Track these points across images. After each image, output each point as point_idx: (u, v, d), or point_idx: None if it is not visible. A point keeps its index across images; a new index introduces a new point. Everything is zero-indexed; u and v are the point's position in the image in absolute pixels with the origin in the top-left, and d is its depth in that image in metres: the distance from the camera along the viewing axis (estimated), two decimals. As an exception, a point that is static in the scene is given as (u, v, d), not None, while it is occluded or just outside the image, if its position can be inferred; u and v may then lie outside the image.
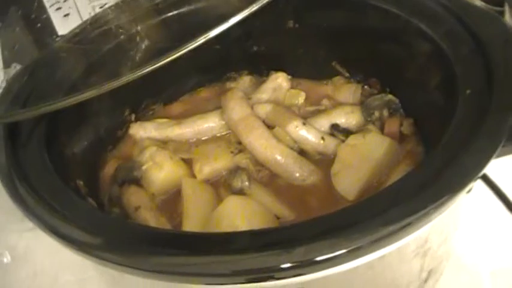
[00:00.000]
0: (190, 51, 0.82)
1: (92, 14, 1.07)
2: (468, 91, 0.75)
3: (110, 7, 1.07)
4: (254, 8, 0.86)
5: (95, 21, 1.06)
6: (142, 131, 1.10)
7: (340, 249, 0.58)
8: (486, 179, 0.87)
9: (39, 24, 1.29)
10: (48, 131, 0.87)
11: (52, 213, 0.70)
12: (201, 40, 0.82)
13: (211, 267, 0.61)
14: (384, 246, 0.61)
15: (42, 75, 0.97)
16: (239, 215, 0.84)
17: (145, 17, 1.08)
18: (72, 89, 0.94)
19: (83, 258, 0.66)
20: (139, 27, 1.06)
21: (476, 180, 0.64)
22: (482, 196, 0.86)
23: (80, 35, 1.05)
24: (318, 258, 0.58)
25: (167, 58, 0.82)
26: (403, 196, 0.63)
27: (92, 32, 1.05)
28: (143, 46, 1.06)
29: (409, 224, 0.60)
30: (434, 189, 0.62)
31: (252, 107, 1.06)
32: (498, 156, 0.66)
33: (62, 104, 0.82)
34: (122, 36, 1.05)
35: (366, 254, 0.61)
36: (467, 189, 0.63)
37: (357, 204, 0.67)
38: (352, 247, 0.58)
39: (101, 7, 1.08)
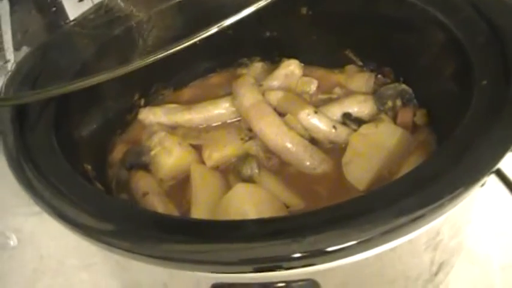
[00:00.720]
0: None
1: None
2: (484, 82, 0.74)
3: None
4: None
5: (106, 5, 1.05)
6: (152, 115, 1.09)
7: (351, 240, 0.57)
8: (499, 174, 0.86)
9: (53, 9, 1.28)
10: (56, 114, 0.86)
11: (59, 198, 0.69)
12: (214, 29, 0.80)
13: (218, 255, 0.60)
14: (395, 238, 0.60)
15: (52, 57, 0.96)
16: (248, 202, 0.84)
17: (158, 1, 1.06)
18: (81, 72, 0.93)
19: (90, 243, 0.65)
20: (151, 12, 1.05)
21: (491, 173, 0.62)
22: (495, 190, 0.85)
23: (90, 19, 1.04)
24: (328, 249, 0.57)
25: (178, 46, 0.80)
26: (416, 187, 0.61)
27: (103, 16, 1.04)
28: (155, 31, 1.05)
29: (421, 216, 0.59)
30: (449, 181, 0.61)
31: (263, 94, 1.05)
32: None
33: (71, 87, 0.81)
34: (133, 21, 1.04)
35: (377, 245, 0.60)
36: (482, 181, 0.62)
37: (369, 193, 0.66)
38: (363, 238, 0.57)
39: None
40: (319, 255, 0.58)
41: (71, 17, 1.21)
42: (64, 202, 0.68)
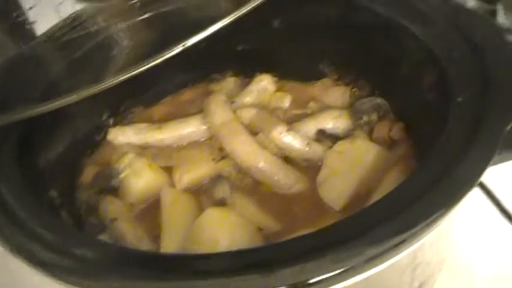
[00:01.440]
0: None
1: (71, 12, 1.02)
2: (459, 98, 0.72)
3: (89, 6, 1.03)
4: (238, 14, 0.83)
5: (74, 21, 1.02)
6: (121, 136, 1.05)
7: (322, 274, 0.54)
8: (480, 185, 0.84)
9: (16, 22, 1.24)
10: (20, 139, 0.83)
11: (19, 233, 0.66)
12: (179, 48, 0.79)
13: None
14: (369, 268, 0.57)
15: (16, 75, 0.93)
16: (220, 228, 0.81)
17: (127, 16, 1.03)
18: (48, 91, 0.90)
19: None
20: (120, 27, 1.02)
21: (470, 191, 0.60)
22: (476, 200, 0.83)
23: (57, 36, 1.01)
24: (302, 283, 0.54)
25: (144, 66, 0.79)
26: (393, 211, 0.59)
27: (70, 31, 1.00)
28: (125, 46, 1.02)
29: (400, 243, 0.56)
30: (427, 204, 0.59)
31: (235, 111, 1.02)
32: (494, 164, 0.63)
33: (37, 111, 0.78)
34: (102, 37, 1.01)
35: (350, 277, 0.57)
36: (462, 201, 0.60)
37: (343, 221, 0.62)
38: (338, 271, 0.55)
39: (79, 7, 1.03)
40: (291, 289, 0.55)
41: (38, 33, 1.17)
42: (23, 237, 0.65)
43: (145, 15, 1.03)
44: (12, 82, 0.91)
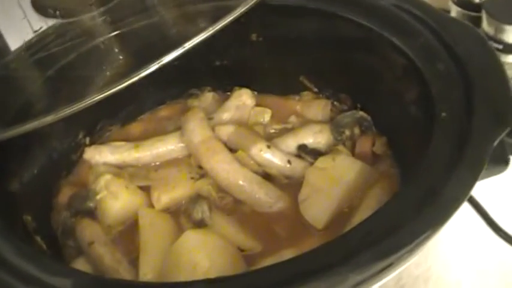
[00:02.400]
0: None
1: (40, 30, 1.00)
2: (444, 114, 0.70)
3: (59, 24, 1.00)
4: (214, 29, 0.81)
5: (43, 38, 0.99)
6: (98, 155, 1.02)
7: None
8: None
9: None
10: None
11: None
12: (154, 66, 0.77)
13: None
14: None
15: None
16: (198, 251, 0.78)
17: (98, 33, 1.01)
18: (20, 112, 0.88)
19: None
20: (92, 44, 1.00)
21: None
22: (464, 213, 0.81)
23: (27, 54, 0.98)
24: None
25: (120, 84, 0.77)
26: (377, 235, 0.57)
27: (41, 49, 0.98)
28: (98, 64, 1.00)
29: (384, 268, 0.55)
30: (412, 227, 0.57)
31: (213, 128, 1.00)
32: (480, 179, 0.62)
33: (11, 133, 0.77)
34: (74, 54, 0.98)
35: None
36: (447, 223, 0.58)
37: (325, 246, 0.59)
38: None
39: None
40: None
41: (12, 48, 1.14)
42: None
43: (118, 31, 1.00)
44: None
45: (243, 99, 1.07)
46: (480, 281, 0.95)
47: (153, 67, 0.78)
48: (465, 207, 0.90)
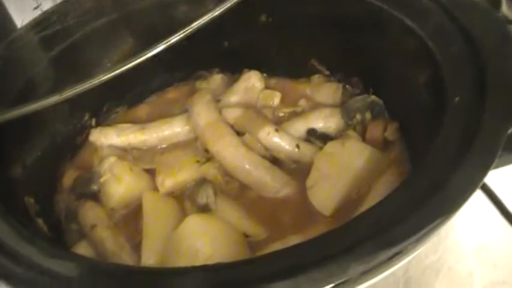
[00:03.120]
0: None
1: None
2: (457, 98, 0.67)
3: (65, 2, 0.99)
4: (221, 9, 0.79)
5: (50, 16, 0.98)
6: (103, 137, 1.01)
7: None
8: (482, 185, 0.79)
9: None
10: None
11: None
12: (161, 47, 0.76)
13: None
14: (357, 285, 0.53)
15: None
16: (201, 237, 0.76)
17: (105, 12, 0.99)
18: (25, 92, 0.87)
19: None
20: (98, 23, 0.98)
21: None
22: (478, 202, 0.79)
23: (37, 30, 0.97)
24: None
25: (126, 65, 0.76)
26: (384, 223, 0.55)
27: (47, 28, 0.96)
28: (104, 43, 0.99)
29: (386, 260, 0.52)
30: (421, 215, 0.55)
31: (220, 111, 0.98)
32: (493, 168, 0.58)
33: (15, 113, 0.76)
34: (80, 33, 0.97)
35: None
36: (457, 212, 0.55)
37: (332, 233, 0.57)
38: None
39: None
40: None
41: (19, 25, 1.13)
42: None
43: (125, 11, 0.98)
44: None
45: (252, 81, 1.05)
46: (492, 273, 0.93)
47: (159, 48, 0.76)
48: (479, 197, 0.88)
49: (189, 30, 0.77)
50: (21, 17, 1.01)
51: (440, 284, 0.89)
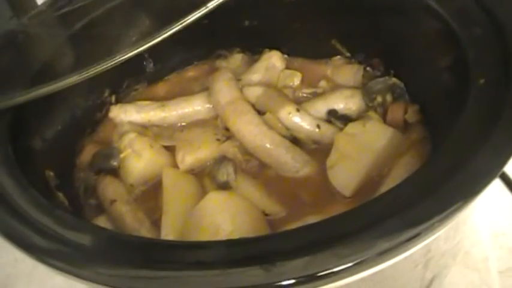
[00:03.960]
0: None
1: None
2: (482, 80, 0.66)
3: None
4: None
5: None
6: (123, 114, 1.02)
7: (332, 267, 0.50)
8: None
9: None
10: (14, 118, 0.80)
11: (12, 218, 0.64)
12: (177, 27, 0.76)
13: (178, 284, 0.54)
14: (383, 261, 0.53)
15: (13, 53, 0.90)
16: (221, 213, 0.77)
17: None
18: (44, 70, 0.87)
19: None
20: (119, 1, 0.98)
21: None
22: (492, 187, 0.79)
23: (54, 8, 0.97)
24: (299, 279, 0.50)
25: (147, 43, 0.76)
26: (406, 203, 0.54)
27: (66, 5, 0.96)
28: (124, 21, 0.98)
29: (413, 237, 0.52)
30: (443, 196, 0.54)
31: (241, 90, 0.98)
32: None
33: (36, 93, 0.77)
34: (100, 11, 0.98)
35: (355, 273, 0.52)
36: (480, 194, 0.54)
37: (353, 211, 0.57)
38: (341, 267, 0.50)
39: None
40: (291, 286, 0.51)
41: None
42: (17, 222, 0.63)
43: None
44: (8, 60, 0.88)
45: (273, 61, 1.05)
46: (508, 258, 0.94)
47: (177, 27, 0.76)
48: (496, 184, 0.88)
49: (205, 10, 0.77)
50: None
51: (456, 268, 0.89)
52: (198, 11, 0.76)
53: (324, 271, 0.50)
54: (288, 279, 0.50)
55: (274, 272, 0.51)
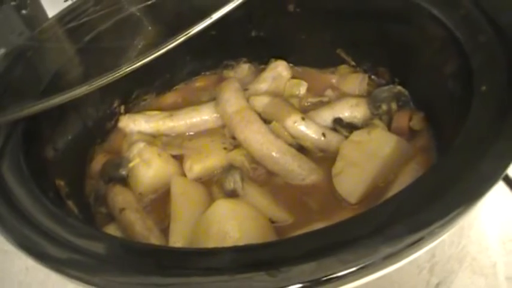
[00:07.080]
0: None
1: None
2: (484, 87, 0.67)
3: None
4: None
5: (80, 6, 0.99)
6: (132, 123, 1.03)
7: (338, 272, 0.51)
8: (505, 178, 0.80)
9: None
10: (27, 129, 0.82)
11: (25, 227, 0.65)
12: (186, 35, 0.76)
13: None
14: (388, 266, 0.54)
15: (23, 66, 0.91)
16: (229, 221, 0.78)
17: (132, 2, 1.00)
18: (55, 82, 0.89)
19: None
20: (126, 13, 1.00)
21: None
22: (499, 192, 0.79)
23: (65, 21, 0.98)
24: (315, 281, 0.51)
25: (154, 53, 0.77)
26: (410, 208, 0.55)
27: (76, 17, 0.98)
28: (132, 32, 1.00)
29: (416, 241, 0.53)
30: (446, 201, 0.55)
31: (248, 99, 0.99)
32: None
33: (47, 104, 0.77)
34: (108, 23, 0.99)
35: (360, 278, 0.53)
36: (484, 198, 0.56)
37: (358, 216, 0.58)
38: (345, 271, 0.51)
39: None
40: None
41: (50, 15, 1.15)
42: (29, 231, 0.64)
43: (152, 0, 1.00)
44: (19, 72, 0.90)
45: (279, 70, 1.06)
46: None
47: (181, 38, 0.76)
48: (501, 189, 0.88)
49: (209, 21, 0.77)
50: (54, 9, 1.03)
51: (463, 273, 0.89)
52: (203, 22, 0.76)
53: (329, 276, 0.51)
54: (294, 284, 0.51)
55: (280, 277, 0.52)
